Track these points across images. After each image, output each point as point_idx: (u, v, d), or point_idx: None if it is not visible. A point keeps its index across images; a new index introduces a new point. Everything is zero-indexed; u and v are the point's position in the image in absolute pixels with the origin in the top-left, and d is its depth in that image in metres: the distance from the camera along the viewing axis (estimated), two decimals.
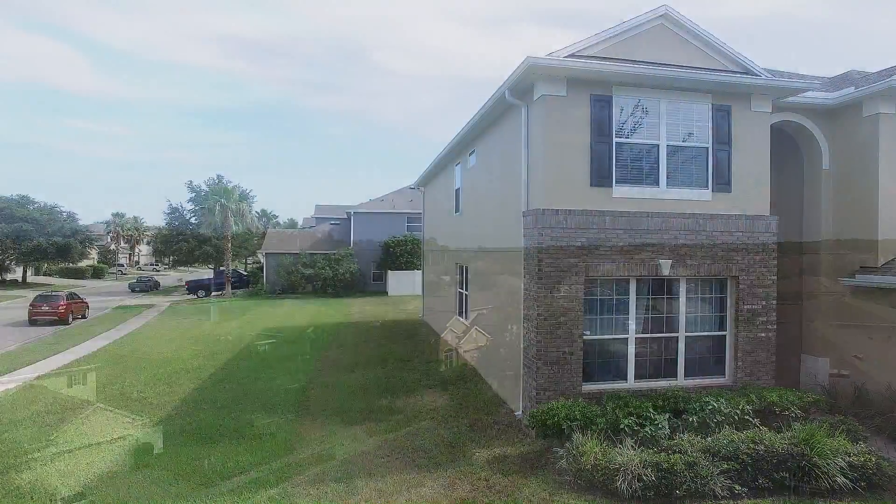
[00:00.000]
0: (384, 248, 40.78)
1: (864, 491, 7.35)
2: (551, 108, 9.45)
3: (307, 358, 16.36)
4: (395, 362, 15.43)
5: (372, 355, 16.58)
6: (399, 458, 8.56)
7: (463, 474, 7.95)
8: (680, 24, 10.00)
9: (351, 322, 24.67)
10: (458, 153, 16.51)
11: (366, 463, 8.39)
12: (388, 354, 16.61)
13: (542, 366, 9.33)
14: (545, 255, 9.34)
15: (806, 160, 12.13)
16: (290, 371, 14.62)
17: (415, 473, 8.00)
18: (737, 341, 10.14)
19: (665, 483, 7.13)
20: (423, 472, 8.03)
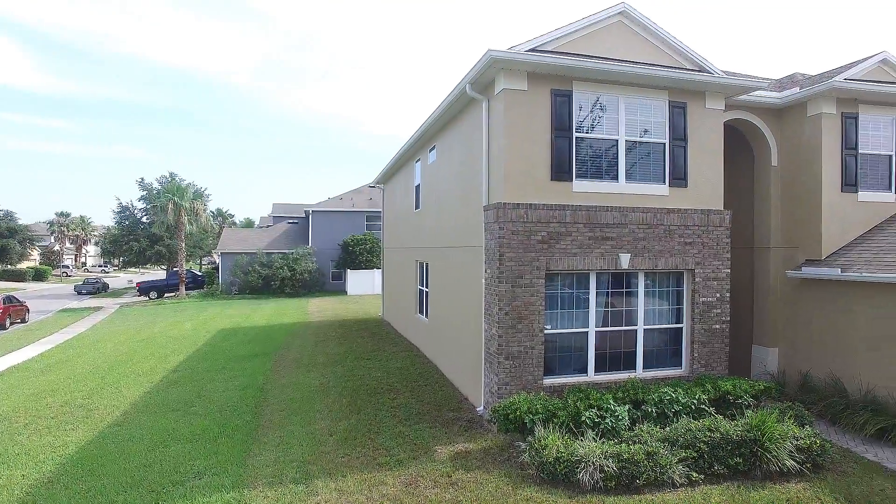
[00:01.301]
0: (343, 247, 40.32)
1: (810, 472, 7.70)
2: (512, 103, 9.44)
3: (265, 358, 15.95)
4: (355, 360, 15.22)
5: (331, 354, 16.30)
6: (360, 457, 8.40)
7: (425, 471, 7.86)
8: (638, 22, 10.15)
9: (310, 321, 24.24)
10: (417, 149, 16.40)
11: (326, 463, 8.20)
12: (348, 353, 16.38)
13: (504, 360, 9.32)
14: (506, 250, 9.33)
15: (756, 157, 12.52)
16: (247, 371, 14.22)
17: (376, 472, 7.86)
18: (693, 333, 10.37)
19: (626, 473, 7.22)
20: (385, 470, 7.90)
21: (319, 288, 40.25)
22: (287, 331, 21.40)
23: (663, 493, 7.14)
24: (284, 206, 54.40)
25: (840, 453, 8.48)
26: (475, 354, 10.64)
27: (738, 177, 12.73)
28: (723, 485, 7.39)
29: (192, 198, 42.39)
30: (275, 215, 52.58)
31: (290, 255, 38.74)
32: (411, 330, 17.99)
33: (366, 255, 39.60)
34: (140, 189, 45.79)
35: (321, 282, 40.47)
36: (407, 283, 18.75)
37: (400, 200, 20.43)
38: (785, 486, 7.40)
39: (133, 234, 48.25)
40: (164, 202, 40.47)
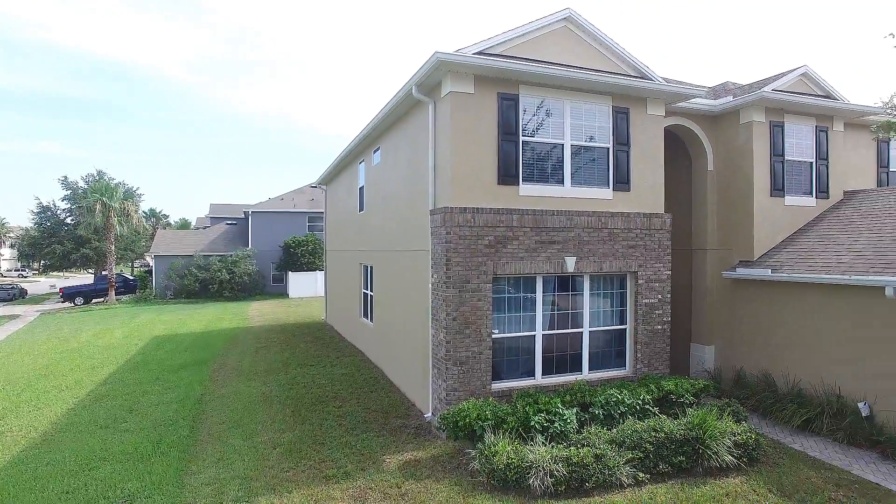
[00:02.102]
0: (284, 249, 39.29)
1: (746, 466, 8.04)
2: (459, 106, 9.36)
3: (203, 366, 15.25)
4: (298, 368, 14.77)
5: (274, 361, 15.77)
6: (306, 470, 8.10)
7: (374, 482, 7.66)
8: (583, 28, 10.28)
9: (250, 326, 23.43)
10: (362, 150, 16.10)
11: (270, 478, 7.85)
12: (291, 359, 15.89)
13: (452, 366, 9.22)
14: (453, 254, 9.24)
15: (694, 162, 12.98)
16: (184, 382, 13.52)
17: (323, 485, 7.59)
18: (636, 334, 10.61)
19: (576, 476, 7.27)
20: (332, 484, 7.64)
21: (260, 291, 39.07)
22: (226, 337, 20.58)
23: (612, 495, 7.23)
24: (222, 207, 52.54)
25: (771, 445, 8.91)
26: (422, 360, 10.50)
27: (677, 181, 13.15)
28: (668, 483, 7.58)
29: (122, 198, 40.20)
30: (212, 216, 50.68)
31: (228, 258, 37.40)
32: (356, 334, 17.66)
33: (308, 256, 38.74)
34: (63, 188, 43.12)
35: (262, 284, 39.30)
36: (351, 287, 18.40)
37: (343, 202, 20.03)
38: (724, 480, 7.66)
39: (55, 235, 45.34)
40: (91, 202, 38.17)
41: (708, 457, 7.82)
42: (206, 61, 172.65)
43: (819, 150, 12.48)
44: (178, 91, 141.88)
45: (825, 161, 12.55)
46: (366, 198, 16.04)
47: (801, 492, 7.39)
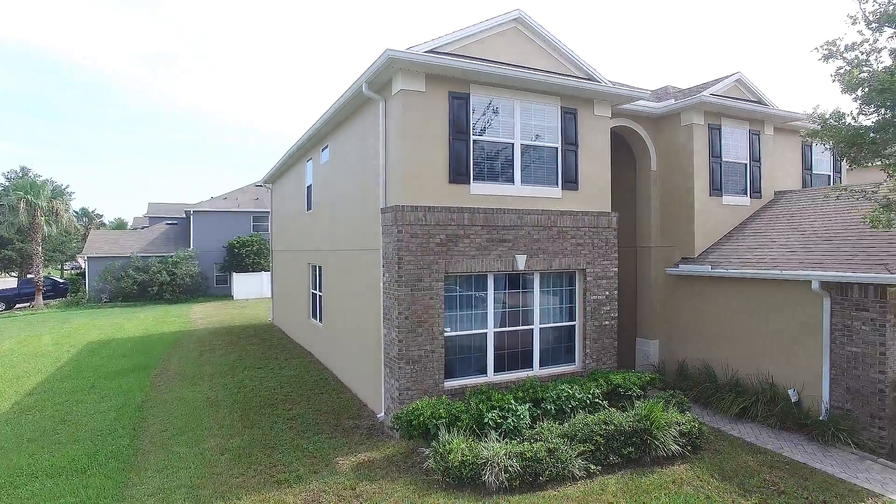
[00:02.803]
0: (229, 249, 38.10)
1: (691, 453, 8.40)
2: (410, 104, 9.31)
3: (143, 372, 14.57)
4: (245, 371, 14.35)
5: (219, 364, 15.26)
6: (256, 475, 7.87)
7: (328, 485, 7.52)
8: (532, 29, 10.42)
9: (194, 329, 22.58)
10: (309, 149, 15.81)
11: (218, 485, 7.59)
12: (238, 362, 15.42)
13: (404, 365, 9.17)
14: (405, 253, 9.19)
15: (638, 162, 13.40)
16: (123, 389, 12.88)
17: (275, 490, 7.39)
18: (585, 330, 10.86)
19: (530, 471, 7.36)
20: (284, 488, 7.46)
21: (203, 293, 37.73)
22: (168, 341, 19.76)
23: (565, 488, 7.37)
24: (162, 206, 50.45)
25: (713, 433, 9.32)
26: (374, 359, 10.40)
27: (623, 181, 13.55)
28: (618, 473, 7.79)
29: (50, 196, 37.89)
30: (151, 216, 48.55)
31: (169, 259, 35.92)
32: (305, 335, 17.32)
33: (253, 257, 37.72)
34: None
35: (204, 286, 37.96)
36: (299, 287, 18.03)
37: (290, 201, 19.60)
38: (670, 469, 7.95)
39: None
40: (14, 201, 35.82)
41: (655, 447, 8.10)
42: (145, 54, 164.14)
43: (752, 153, 13.13)
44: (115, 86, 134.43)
45: (758, 163, 13.21)
46: (314, 196, 15.75)
47: (740, 475, 7.77)
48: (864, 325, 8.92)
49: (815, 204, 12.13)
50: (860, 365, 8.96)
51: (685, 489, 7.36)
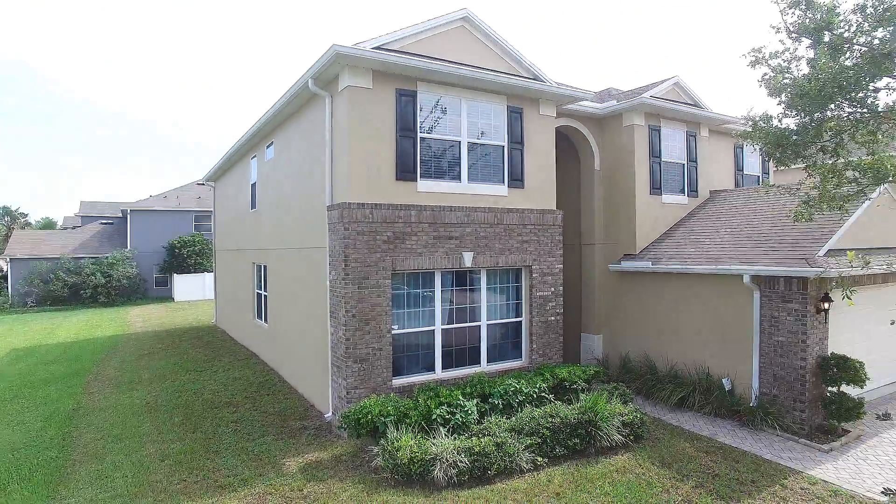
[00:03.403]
0: (169, 250, 36.70)
1: (633, 443, 8.72)
2: (357, 100, 9.23)
3: (75, 379, 13.85)
4: (187, 374, 13.87)
5: (159, 368, 14.68)
6: (198, 481, 7.63)
7: (274, 487, 7.37)
8: (479, 28, 10.51)
9: (131, 333, 21.63)
10: (254, 145, 15.44)
11: (158, 493, 7.31)
12: (179, 366, 14.89)
13: (352, 363, 9.09)
14: (352, 251, 9.11)
15: (582, 161, 13.74)
16: (52, 397, 12.20)
17: (218, 495, 7.19)
18: (532, 326, 11.05)
19: (478, 465, 7.44)
20: (229, 493, 7.27)
21: (142, 295, 36.20)
22: (103, 345, 18.84)
23: (513, 480, 7.49)
24: (96, 205, 48.01)
25: (654, 423, 9.69)
26: (321, 359, 10.26)
27: (567, 179, 13.86)
28: (564, 465, 7.98)
29: None
30: (84, 215, 46.13)
31: (104, 260, 34.25)
32: (250, 337, 16.89)
33: (195, 257, 36.47)
34: None
35: (143, 288, 36.44)
36: (243, 287, 17.56)
37: (234, 199, 19.07)
38: (614, 458, 8.22)
39: None
40: None
41: (600, 438, 8.34)
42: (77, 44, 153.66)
43: (689, 154, 13.69)
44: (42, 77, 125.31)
45: (695, 163, 13.79)
46: (258, 194, 15.39)
47: (678, 461, 8.12)
48: (789, 315, 9.46)
49: (747, 203, 12.77)
50: (785, 353, 9.50)
51: (627, 477, 7.62)
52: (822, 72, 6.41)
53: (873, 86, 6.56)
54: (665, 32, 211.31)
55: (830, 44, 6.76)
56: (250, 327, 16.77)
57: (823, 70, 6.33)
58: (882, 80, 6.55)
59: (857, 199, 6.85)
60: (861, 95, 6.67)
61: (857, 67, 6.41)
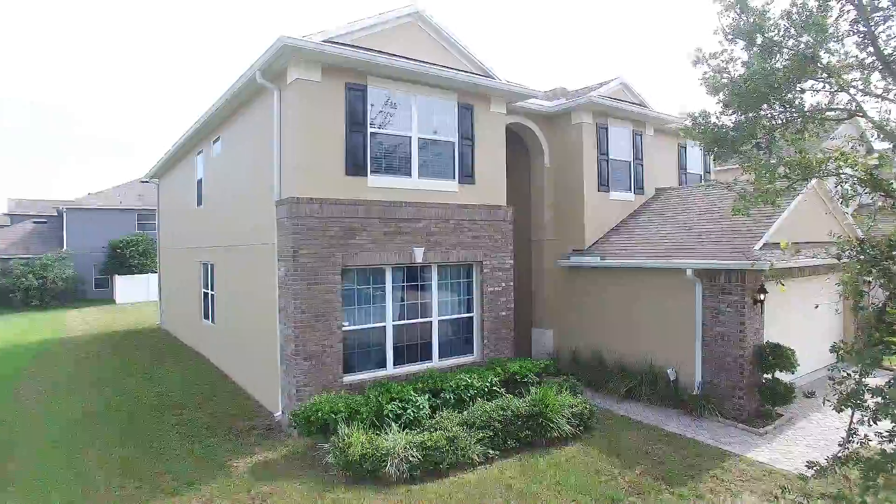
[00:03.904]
0: (110, 250, 35.16)
1: (583, 433, 8.92)
2: (305, 94, 9.09)
3: (4, 384, 13.07)
4: (129, 378, 13.32)
5: (99, 373, 14.04)
6: (141, 487, 7.34)
7: (221, 489, 7.18)
8: (430, 24, 10.51)
9: (70, 337, 20.59)
10: (200, 140, 14.98)
11: (98, 501, 6.99)
12: (121, 369, 14.29)
13: (302, 361, 8.95)
14: (301, 246, 8.97)
15: (532, 159, 13.94)
16: None
17: (162, 500, 6.94)
18: (483, 321, 11.14)
19: (430, 460, 7.45)
20: (174, 497, 7.03)
21: (80, 298, 34.53)
22: (37, 351, 17.85)
23: (465, 474, 7.53)
24: (26, 203, 45.47)
25: (603, 413, 9.94)
26: (271, 358, 10.05)
27: (518, 176, 14.03)
28: (515, 457, 8.09)
29: None
30: (12, 213, 43.62)
31: (37, 261, 32.48)
32: (197, 338, 16.39)
33: (139, 257, 35.07)
34: None
35: (82, 290, 34.76)
36: (190, 287, 17.02)
37: (179, 196, 18.45)
38: (564, 448, 8.39)
39: None
40: None
41: (550, 429, 8.50)
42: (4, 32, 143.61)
43: (636, 152, 14.10)
44: None
45: (640, 161, 14.21)
46: (205, 191, 14.94)
47: (626, 450, 8.36)
48: (729, 307, 9.88)
49: (691, 199, 13.25)
50: (725, 343, 9.92)
51: (577, 466, 7.79)
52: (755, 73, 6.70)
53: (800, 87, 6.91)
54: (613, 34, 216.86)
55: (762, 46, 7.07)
56: (197, 328, 16.27)
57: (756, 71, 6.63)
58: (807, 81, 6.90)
59: (788, 193, 7.20)
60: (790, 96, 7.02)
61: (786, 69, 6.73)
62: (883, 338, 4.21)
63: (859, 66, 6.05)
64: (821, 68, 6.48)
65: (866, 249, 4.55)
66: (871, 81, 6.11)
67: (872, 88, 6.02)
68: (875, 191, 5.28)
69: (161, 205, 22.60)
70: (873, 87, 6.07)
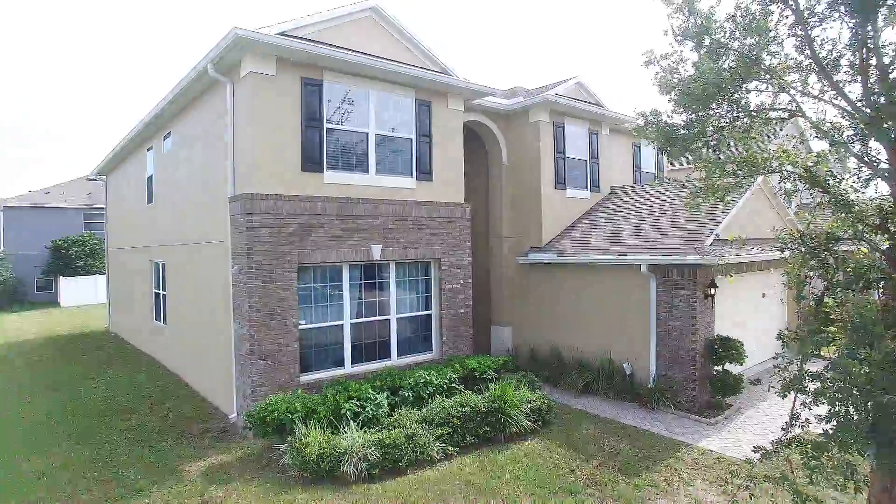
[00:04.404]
0: (54, 251, 33.60)
1: (541, 428, 9.02)
2: (260, 88, 8.89)
3: None
4: (74, 383, 12.75)
5: (40, 378, 13.39)
6: (85, 496, 7.03)
7: (173, 494, 6.94)
8: (388, 20, 10.44)
9: (8, 342, 19.58)
10: (150, 136, 14.49)
11: None
12: (65, 374, 13.66)
13: (257, 361, 8.76)
14: (256, 244, 8.77)
15: (490, 156, 14.02)
16: None
17: None
18: (441, 318, 11.13)
19: (389, 458, 7.40)
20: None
21: (19, 301, 32.88)
22: None
23: (424, 471, 7.51)
24: None
25: (561, 408, 10.08)
26: (225, 358, 9.79)
27: (476, 174, 14.09)
28: (474, 453, 8.11)
29: None
30: None
31: None
32: (148, 340, 15.83)
33: (86, 258, 33.64)
34: None
35: (22, 293, 33.10)
36: (140, 288, 16.43)
37: (129, 194, 17.78)
38: (523, 443, 8.46)
39: None
40: None
41: (509, 424, 8.55)
42: None
43: (592, 150, 14.35)
44: None
45: (596, 160, 14.47)
46: (156, 188, 14.45)
47: (584, 443, 8.49)
48: (682, 301, 10.16)
49: (645, 198, 13.57)
50: (678, 337, 10.19)
51: (536, 460, 7.86)
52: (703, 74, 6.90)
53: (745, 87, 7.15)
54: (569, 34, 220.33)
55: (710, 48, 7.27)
56: (148, 330, 15.72)
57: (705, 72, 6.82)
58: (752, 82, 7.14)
59: (737, 189, 7.44)
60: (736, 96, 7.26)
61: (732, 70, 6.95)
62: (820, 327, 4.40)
63: (798, 69, 6.30)
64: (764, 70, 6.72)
65: (806, 242, 4.74)
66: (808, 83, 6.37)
67: (810, 90, 6.27)
68: (813, 187, 5.51)
69: (109, 203, 21.73)
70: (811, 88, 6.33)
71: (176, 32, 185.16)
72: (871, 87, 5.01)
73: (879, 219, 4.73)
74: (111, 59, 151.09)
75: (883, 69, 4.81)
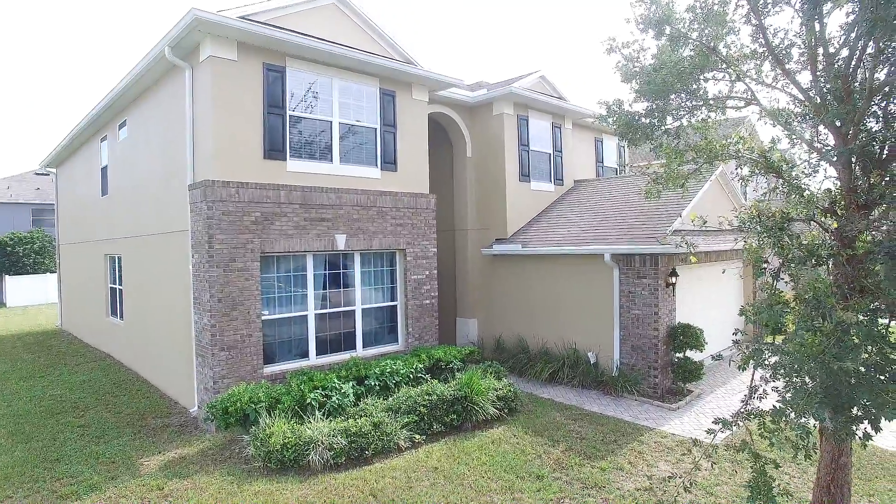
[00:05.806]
0: (0, 249, 32.13)
1: (508, 415, 9.10)
2: (220, 73, 8.67)
3: None
4: (20, 381, 12.20)
5: None
6: (32, 494, 6.72)
7: (129, 489, 6.71)
8: (352, 8, 10.31)
9: None
10: (104, 125, 13.99)
11: None
12: (10, 373, 13.05)
13: (219, 352, 8.55)
14: (216, 232, 8.56)
15: (455, 149, 14.03)
16: None
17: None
18: (407, 309, 11.08)
19: (355, 447, 7.33)
20: (72, 501, 6.48)
21: None
22: None
23: (391, 459, 7.45)
24: None
25: (527, 397, 10.16)
26: (185, 350, 9.53)
27: (441, 166, 14.08)
28: (441, 441, 8.09)
29: None
30: None
31: None
32: (103, 337, 15.29)
33: (34, 256, 32.24)
34: None
35: None
36: (94, 283, 15.85)
37: (81, 186, 17.13)
38: (490, 431, 8.48)
39: None
40: None
41: (476, 412, 8.58)
42: None
43: (555, 144, 14.52)
44: None
45: (560, 153, 14.64)
46: (111, 179, 13.96)
47: (550, 429, 8.57)
48: (644, 290, 10.36)
49: (608, 190, 13.80)
50: (641, 325, 10.40)
51: (503, 447, 7.90)
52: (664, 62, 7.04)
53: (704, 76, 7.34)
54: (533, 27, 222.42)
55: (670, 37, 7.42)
56: (103, 326, 15.17)
57: (665, 61, 6.97)
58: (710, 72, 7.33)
59: (696, 177, 7.62)
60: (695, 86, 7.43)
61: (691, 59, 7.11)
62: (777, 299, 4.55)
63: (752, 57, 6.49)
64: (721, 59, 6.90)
65: (763, 221, 4.89)
66: (762, 71, 6.57)
67: (764, 77, 6.47)
68: (768, 172, 5.69)
69: (60, 196, 20.88)
70: (765, 76, 6.54)
71: (133, 16, 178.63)
72: (819, 75, 5.21)
73: (828, 202, 4.93)
74: (60, 44, 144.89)
75: (829, 57, 5.01)
